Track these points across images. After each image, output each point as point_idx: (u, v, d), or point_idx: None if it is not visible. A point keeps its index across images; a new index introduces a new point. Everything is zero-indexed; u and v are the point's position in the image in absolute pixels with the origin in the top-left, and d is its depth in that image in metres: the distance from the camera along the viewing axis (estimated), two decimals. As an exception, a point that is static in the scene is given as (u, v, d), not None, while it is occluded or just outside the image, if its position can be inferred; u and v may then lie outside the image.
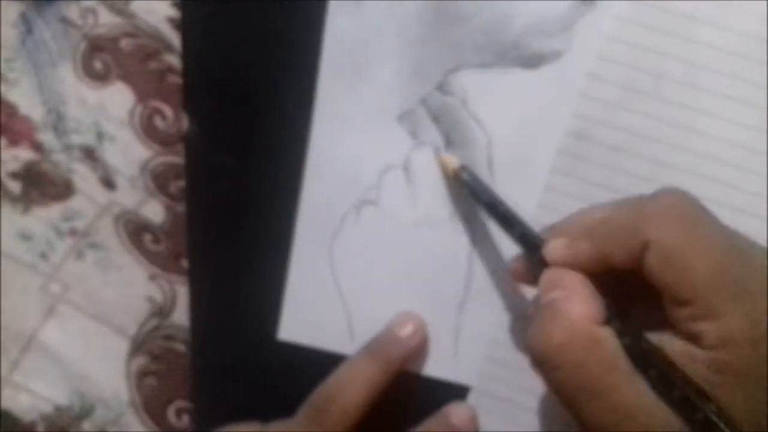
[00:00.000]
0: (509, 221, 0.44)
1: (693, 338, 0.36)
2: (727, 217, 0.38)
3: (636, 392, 0.36)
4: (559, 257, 0.40)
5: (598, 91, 0.45)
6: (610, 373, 0.36)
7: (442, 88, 0.47)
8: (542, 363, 0.38)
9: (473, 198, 0.46)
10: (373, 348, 0.49)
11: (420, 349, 0.49)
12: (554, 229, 0.42)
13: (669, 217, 0.37)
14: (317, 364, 0.50)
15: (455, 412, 0.49)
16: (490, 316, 0.48)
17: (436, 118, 0.47)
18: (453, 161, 0.46)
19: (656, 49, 0.44)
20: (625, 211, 0.39)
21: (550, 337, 0.37)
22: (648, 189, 0.43)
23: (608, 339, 0.37)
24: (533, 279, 0.42)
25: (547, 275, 0.40)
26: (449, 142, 0.47)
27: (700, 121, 0.45)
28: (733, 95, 0.44)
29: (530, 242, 0.43)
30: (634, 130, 0.45)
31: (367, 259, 0.50)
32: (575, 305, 0.38)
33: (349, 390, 0.47)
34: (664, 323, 0.37)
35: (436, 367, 0.50)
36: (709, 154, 0.45)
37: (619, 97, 0.45)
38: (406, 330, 0.49)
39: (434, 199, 0.48)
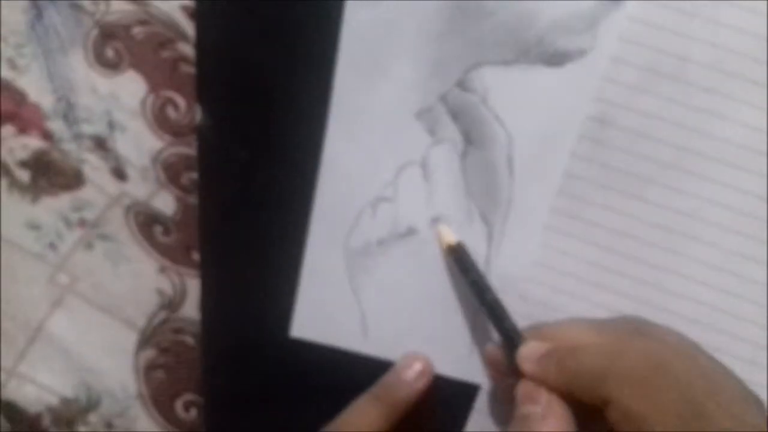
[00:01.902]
0: (494, 310, 0.46)
1: None
2: (749, 203, 0.42)
3: None
4: (528, 370, 0.42)
5: (621, 75, 0.45)
6: None
7: (462, 84, 0.46)
8: None
9: (463, 275, 0.47)
10: (379, 392, 0.48)
11: (427, 391, 0.48)
12: (535, 333, 0.44)
13: (632, 380, 0.38)
14: (329, 362, 0.50)
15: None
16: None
17: (456, 115, 0.46)
18: (450, 237, 0.47)
19: (680, 31, 0.44)
20: (594, 357, 0.40)
21: None
22: (671, 175, 0.45)
23: None
24: (506, 369, 0.45)
25: (526, 386, 0.43)
26: (468, 140, 0.47)
27: (725, 106, 0.44)
28: (758, 79, 0.44)
29: (509, 336, 0.45)
30: (658, 115, 0.45)
31: (382, 256, 0.49)
32: (550, 425, 0.40)
33: None
34: None
35: (449, 366, 0.50)
36: (733, 139, 0.44)
37: (643, 81, 0.44)
38: (413, 371, 0.48)
39: (452, 197, 0.47)
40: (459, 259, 0.47)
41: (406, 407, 0.47)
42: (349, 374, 0.50)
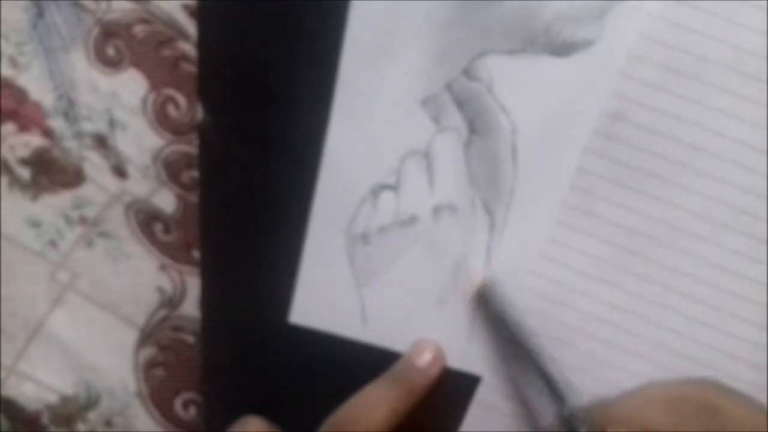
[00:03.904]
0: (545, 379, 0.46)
1: None
2: (761, 206, 0.42)
3: None
4: None
5: (639, 71, 0.44)
6: None
7: (468, 73, 0.46)
8: None
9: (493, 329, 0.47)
10: (396, 375, 0.48)
11: (438, 379, 0.49)
12: (603, 414, 0.44)
13: None
14: (328, 349, 0.50)
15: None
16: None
17: (461, 103, 0.47)
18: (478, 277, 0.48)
19: (701, 30, 0.43)
20: None
21: None
22: (683, 174, 0.44)
23: None
24: None
25: None
26: (473, 129, 0.47)
27: (742, 107, 0.44)
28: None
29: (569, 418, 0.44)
30: (674, 113, 0.44)
31: (383, 244, 0.49)
32: None
33: (371, 413, 0.46)
34: None
35: (447, 356, 0.50)
36: (748, 141, 0.44)
37: (660, 78, 0.44)
38: (425, 359, 0.48)
39: (455, 185, 0.48)
40: (489, 308, 0.47)
41: (421, 393, 0.47)
42: (349, 370, 0.50)
